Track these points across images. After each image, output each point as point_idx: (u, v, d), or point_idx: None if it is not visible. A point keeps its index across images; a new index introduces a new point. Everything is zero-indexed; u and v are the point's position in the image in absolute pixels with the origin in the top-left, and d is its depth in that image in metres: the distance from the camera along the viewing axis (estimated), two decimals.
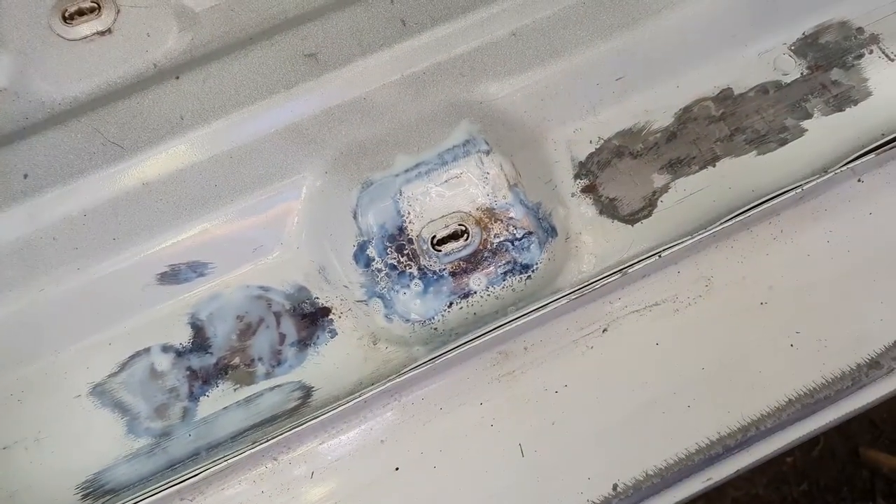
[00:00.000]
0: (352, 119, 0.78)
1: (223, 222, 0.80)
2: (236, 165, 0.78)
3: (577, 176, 0.85)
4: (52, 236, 0.78)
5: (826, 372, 0.81)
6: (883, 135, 0.82)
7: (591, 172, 0.85)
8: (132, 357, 0.79)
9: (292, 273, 0.81)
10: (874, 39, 0.90)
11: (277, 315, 0.80)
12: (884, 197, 0.85)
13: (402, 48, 0.79)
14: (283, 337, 0.80)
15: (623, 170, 0.86)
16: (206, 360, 0.79)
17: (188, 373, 0.78)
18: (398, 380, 0.70)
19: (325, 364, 0.79)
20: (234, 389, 0.78)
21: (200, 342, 0.79)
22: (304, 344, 0.79)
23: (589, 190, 0.85)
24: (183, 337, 0.80)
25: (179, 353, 0.79)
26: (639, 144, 0.86)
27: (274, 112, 0.78)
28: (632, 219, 0.85)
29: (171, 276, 0.80)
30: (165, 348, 0.79)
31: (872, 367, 0.82)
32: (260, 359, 0.79)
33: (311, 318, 0.80)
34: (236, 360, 0.79)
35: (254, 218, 0.80)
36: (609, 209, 0.85)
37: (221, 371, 0.79)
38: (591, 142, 0.86)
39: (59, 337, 0.79)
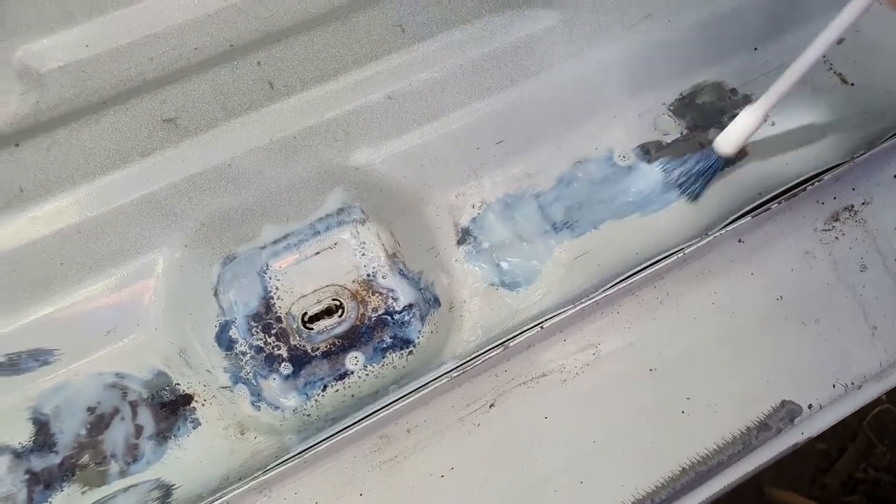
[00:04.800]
0: (215, 188, 0.72)
1: (71, 304, 0.71)
2: (85, 241, 0.71)
3: (460, 242, 0.82)
4: None
5: (718, 437, 0.80)
6: (760, 194, 0.82)
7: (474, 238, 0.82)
8: None
9: (150, 357, 0.73)
10: (747, 100, 0.92)
11: (134, 405, 0.72)
12: (764, 257, 0.85)
13: (271, 111, 0.74)
14: (139, 429, 0.72)
15: None
16: (50, 461, 0.70)
17: (27, 476, 0.69)
18: (265, 476, 0.64)
19: (187, 458, 0.72)
20: (83, 493, 0.69)
21: (43, 440, 0.70)
22: (163, 436, 0.72)
23: None
24: (22, 435, 0.70)
25: (17, 455, 0.70)
26: None
27: (128, 182, 0.71)
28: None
29: (9, 366, 0.70)
30: (0, 449, 0.70)
31: (762, 430, 0.81)
32: (113, 455, 0.71)
33: (172, 407, 0.72)
34: (85, 459, 0.70)
35: (106, 298, 0.72)
36: None
37: (68, 472, 0.70)
38: (473, 206, 0.83)
39: None
